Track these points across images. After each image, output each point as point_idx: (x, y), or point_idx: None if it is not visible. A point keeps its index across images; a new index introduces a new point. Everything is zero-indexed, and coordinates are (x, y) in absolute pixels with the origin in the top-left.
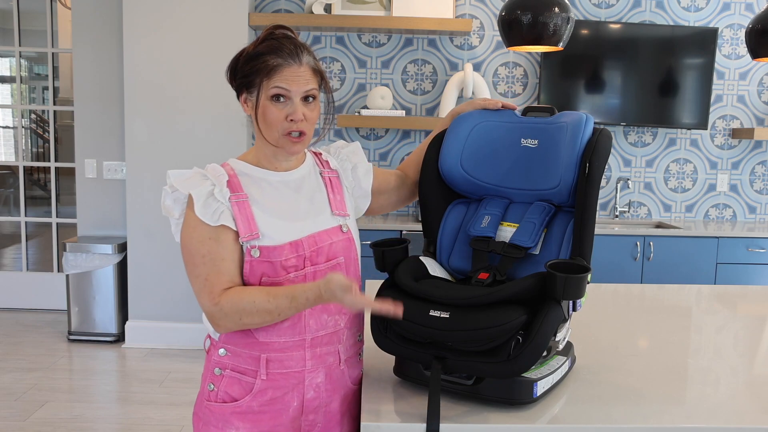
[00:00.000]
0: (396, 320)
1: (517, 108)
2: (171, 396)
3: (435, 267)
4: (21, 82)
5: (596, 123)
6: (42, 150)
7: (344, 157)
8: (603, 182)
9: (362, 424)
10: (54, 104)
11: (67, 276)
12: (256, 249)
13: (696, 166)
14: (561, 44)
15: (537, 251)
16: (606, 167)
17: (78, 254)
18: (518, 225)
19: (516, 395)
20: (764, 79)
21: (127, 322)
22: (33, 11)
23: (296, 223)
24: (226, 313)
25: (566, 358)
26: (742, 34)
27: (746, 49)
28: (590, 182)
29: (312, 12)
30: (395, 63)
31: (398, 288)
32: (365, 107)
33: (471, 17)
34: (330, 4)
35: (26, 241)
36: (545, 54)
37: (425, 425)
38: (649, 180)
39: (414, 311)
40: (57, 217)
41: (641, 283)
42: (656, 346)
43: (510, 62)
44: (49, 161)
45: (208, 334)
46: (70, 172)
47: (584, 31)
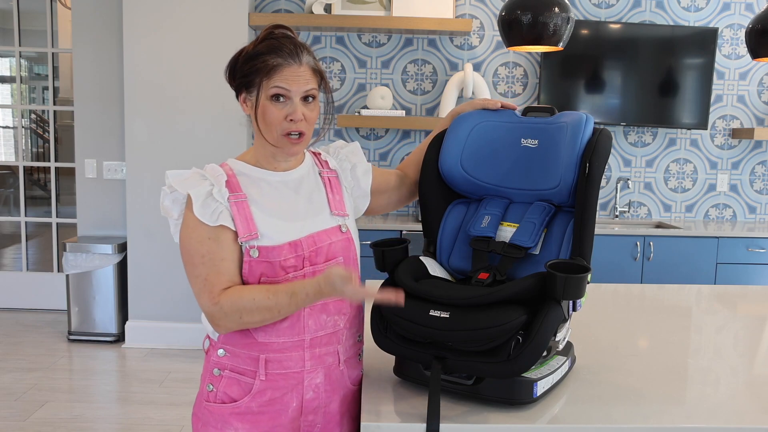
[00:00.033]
0: (396, 320)
1: (517, 108)
2: (171, 396)
3: (435, 267)
4: (21, 82)
5: (596, 123)
6: (42, 150)
7: (343, 157)
8: (603, 182)
9: (362, 424)
10: (54, 104)
11: (67, 276)
12: (255, 249)
13: (696, 166)
14: (561, 44)
15: (537, 251)
16: (606, 167)
17: (78, 254)
18: (518, 225)
19: (516, 395)
20: (764, 79)
21: (127, 322)
22: (33, 11)
23: (295, 223)
24: (226, 313)
25: (566, 358)
26: (742, 34)
27: (746, 49)
28: (590, 182)
29: (312, 12)
30: (395, 63)
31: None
32: (365, 107)
33: (471, 17)
34: (330, 4)
35: (26, 241)
36: (545, 54)
37: (425, 425)
38: (649, 180)
39: (414, 311)
40: (57, 217)
41: (641, 283)
42: (656, 346)
43: (510, 62)
44: (49, 161)
45: (207, 335)
46: (70, 172)
47: (584, 31)
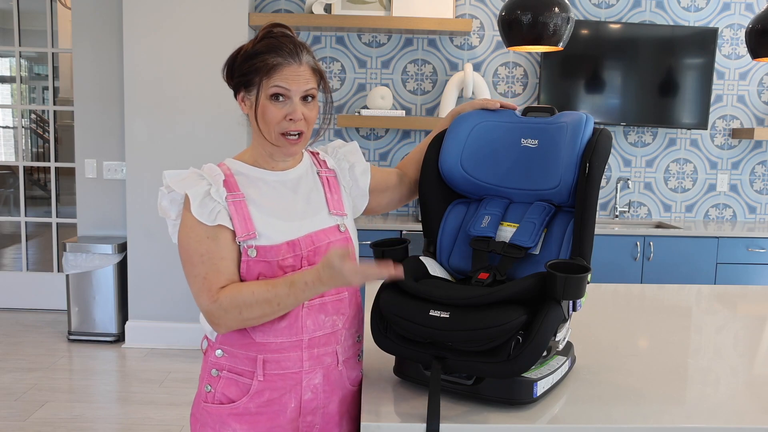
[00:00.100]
0: (396, 320)
1: (517, 108)
2: (171, 396)
3: (435, 267)
4: (21, 82)
5: (596, 123)
6: (42, 150)
7: (342, 157)
8: (603, 182)
9: (362, 424)
10: (54, 104)
11: (67, 276)
12: (253, 249)
13: (696, 166)
14: (561, 44)
15: (537, 251)
16: (606, 167)
17: (78, 254)
18: (518, 225)
19: (516, 395)
20: (764, 79)
21: (127, 322)
22: (33, 11)
23: (293, 223)
24: (226, 309)
25: (566, 358)
26: (742, 34)
27: (746, 49)
28: (590, 182)
29: (312, 12)
30: (395, 63)
31: (398, 288)
32: (365, 107)
33: (471, 17)
34: (330, 4)
35: (26, 241)
36: (545, 54)
37: (425, 425)
38: (649, 180)
39: (414, 311)
40: (57, 217)
41: (641, 283)
42: (656, 346)
43: (510, 62)
44: (49, 161)
45: (205, 335)
46: (70, 172)
47: (584, 31)
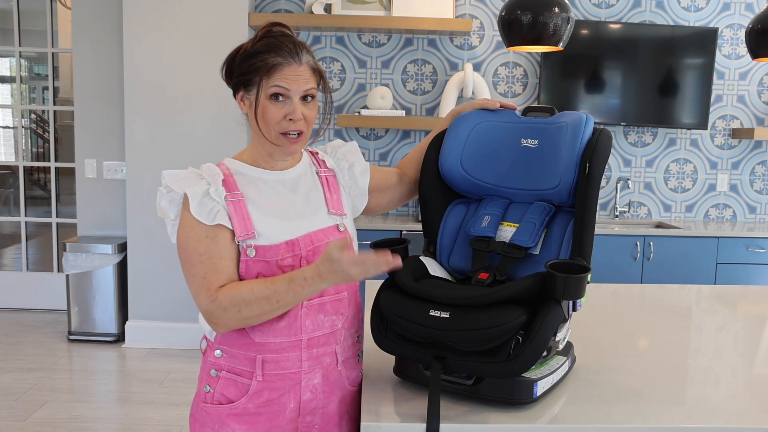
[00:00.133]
0: (396, 320)
1: (517, 108)
2: (171, 396)
3: (435, 267)
4: (21, 82)
5: (596, 123)
6: (42, 150)
7: (341, 156)
8: (603, 182)
9: (362, 424)
10: (54, 104)
11: (67, 276)
12: (252, 248)
13: (696, 166)
14: (561, 44)
15: (537, 251)
16: (606, 167)
17: (78, 254)
18: (518, 225)
19: (516, 395)
20: (764, 79)
21: (127, 322)
22: (33, 11)
23: (292, 222)
24: (225, 308)
25: (566, 358)
26: (742, 34)
27: (746, 49)
28: (590, 182)
29: (312, 12)
30: (395, 63)
31: (398, 288)
32: (365, 107)
33: (471, 17)
34: (330, 4)
35: (26, 241)
36: (545, 54)
37: (425, 425)
38: (649, 180)
39: (414, 311)
40: (57, 217)
41: (641, 283)
42: (656, 346)
43: (510, 62)
44: (49, 161)
45: (204, 336)
46: (70, 172)
47: (584, 31)
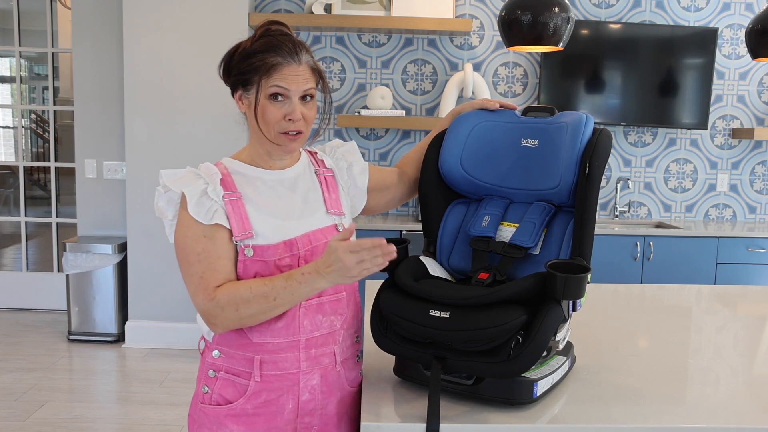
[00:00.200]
0: (396, 320)
1: (517, 108)
2: (171, 396)
3: (435, 267)
4: (21, 82)
5: (596, 123)
6: (42, 150)
7: (339, 156)
8: (603, 182)
9: (362, 425)
10: (54, 104)
11: (67, 276)
12: (250, 248)
13: (696, 166)
14: (561, 44)
15: (537, 251)
16: (606, 167)
17: (78, 254)
18: (518, 225)
19: (516, 395)
20: (764, 79)
21: (127, 322)
22: (33, 11)
23: (291, 222)
24: (223, 307)
25: (566, 358)
26: (742, 34)
27: (746, 49)
28: (590, 182)
29: (312, 12)
30: (395, 63)
31: (398, 288)
32: (365, 107)
33: (471, 17)
34: (330, 4)
35: (26, 241)
36: (545, 54)
37: (425, 425)
38: (649, 180)
39: (414, 311)
40: (57, 217)
41: (641, 283)
42: (656, 346)
43: (510, 62)
44: (49, 161)
45: (202, 336)
46: (70, 172)
47: (584, 31)
